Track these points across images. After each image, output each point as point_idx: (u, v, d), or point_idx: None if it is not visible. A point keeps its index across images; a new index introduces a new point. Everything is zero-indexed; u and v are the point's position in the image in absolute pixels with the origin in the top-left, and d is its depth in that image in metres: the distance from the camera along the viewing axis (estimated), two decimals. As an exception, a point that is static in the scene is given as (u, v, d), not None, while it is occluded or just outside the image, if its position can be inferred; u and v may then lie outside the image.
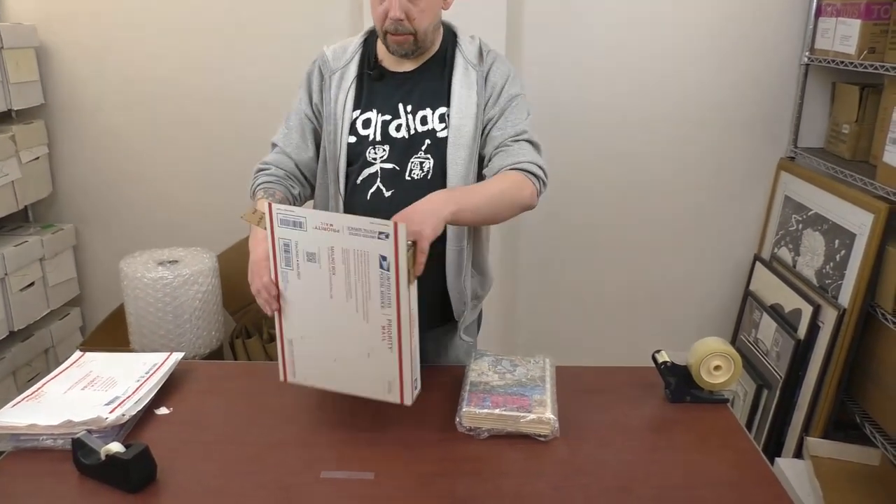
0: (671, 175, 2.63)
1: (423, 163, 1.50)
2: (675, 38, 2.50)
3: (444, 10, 1.51)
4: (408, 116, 1.51)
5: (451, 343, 1.65)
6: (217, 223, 2.67)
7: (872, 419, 2.08)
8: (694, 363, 1.40)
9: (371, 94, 1.53)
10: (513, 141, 1.49)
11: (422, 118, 1.50)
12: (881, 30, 2.13)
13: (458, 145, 1.48)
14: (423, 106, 1.50)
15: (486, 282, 1.69)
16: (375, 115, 1.51)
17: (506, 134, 1.49)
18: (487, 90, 1.51)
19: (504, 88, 1.51)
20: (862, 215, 2.09)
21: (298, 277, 1.24)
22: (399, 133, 1.50)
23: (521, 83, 1.56)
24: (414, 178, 1.49)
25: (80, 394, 1.35)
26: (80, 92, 2.60)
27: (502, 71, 1.53)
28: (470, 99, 1.49)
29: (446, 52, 1.53)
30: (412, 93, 1.51)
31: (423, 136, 1.50)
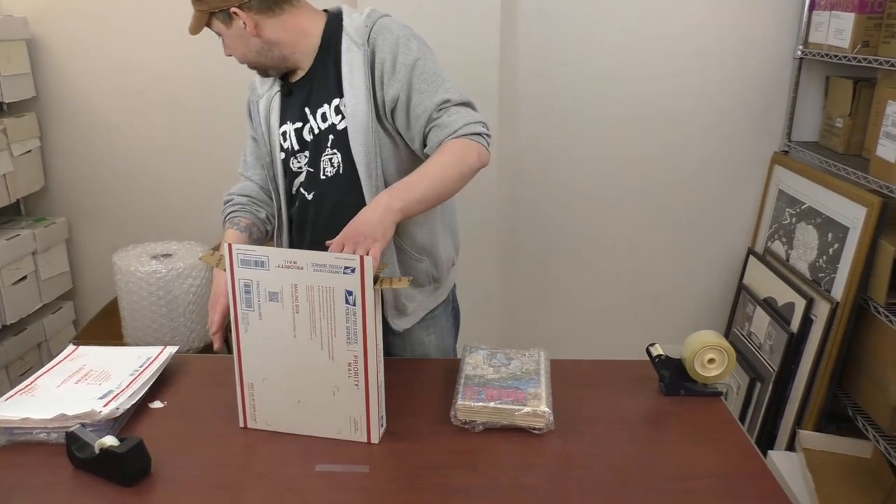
0: (665, 169, 2.64)
1: (331, 159, 1.51)
2: (668, 32, 2.50)
3: (256, 37, 1.48)
4: (312, 118, 1.52)
5: None
6: (211, 216, 2.66)
7: (864, 412, 2.09)
8: (688, 356, 1.40)
9: (285, 108, 1.56)
10: (439, 112, 1.42)
11: (322, 115, 1.50)
12: (875, 23, 2.13)
13: (357, 131, 1.46)
14: (320, 103, 1.50)
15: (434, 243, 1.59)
16: (289, 126, 1.55)
17: (428, 107, 1.42)
18: (377, 67, 1.45)
19: (397, 60, 1.44)
20: (855, 209, 2.10)
21: (260, 318, 1.22)
22: (309, 136, 1.52)
23: (417, 43, 1.47)
24: (328, 176, 1.51)
25: (73, 387, 1.34)
26: (72, 84, 2.59)
27: (389, 42, 1.45)
28: (359, 81, 1.45)
29: (330, 41, 1.50)
30: (311, 93, 1.52)
31: (327, 132, 1.50)
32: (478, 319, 2.08)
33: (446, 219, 1.62)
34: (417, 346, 1.67)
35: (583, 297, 2.79)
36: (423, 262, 1.57)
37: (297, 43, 1.52)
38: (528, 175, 2.63)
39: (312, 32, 1.52)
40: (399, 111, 1.45)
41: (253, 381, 1.27)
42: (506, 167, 2.58)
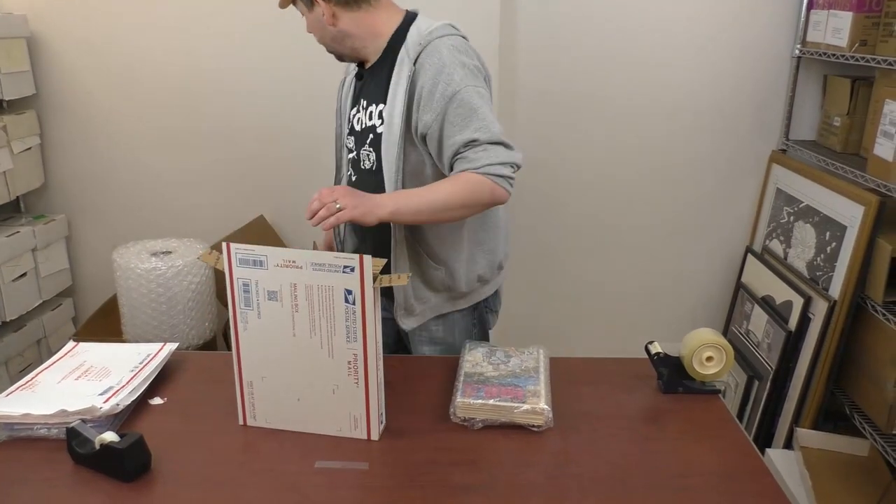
0: (663, 167, 2.64)
1: (369, 155, 1.60)
2: (666, 31, 2.50)
3: (332, 26, 1.56)
4: (363, 111, 1.61)
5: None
6: (210, 213, 2.67)
7: (861, 410, 2.10)
8: (686, 354, 1.41)
9: (357, 93, 1.66)
10: (465, 147, 1.46)
11: (369, 113, 1.59)
12: (873, 22, 2.14)
13: (389, 142, 1.52)
14: (371, 101, 1.59)
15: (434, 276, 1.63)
16: (351, 111, 1.67)
17: (457, 142, 1.46)
18: (417, 91, 1.48)
19: (437, 88, 1.46)
20: (852, 207, 2.11)
21: (259, 317, 1.23)
22: (358, 126, 1.63)
23: (462, 73, 1.47)
24: (365, 168, 1.62)
25: (74, 384, 1.35)
26: (72, 82, 2.59)
27: (434, 67, 1.47)
28: (400, 97, 1.50)
29: (394, 47, 1.56)
30: (366, 88, 1.62)
31: (369, 130, 1.59)
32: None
33: (479, 237, 1.64)
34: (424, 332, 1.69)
35: (582, 295, 2.80)
36: (438, 271, 1.62)
37: (367, 39, 1.58)
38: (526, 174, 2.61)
39: (384, 33, 1.57)
40: (431, 139, 1.50)
41: (252, 380, 1.27)
42: (505, 165, 2.58)
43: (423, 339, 1.71)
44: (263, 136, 2.62)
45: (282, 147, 2.63)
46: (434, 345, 1.71)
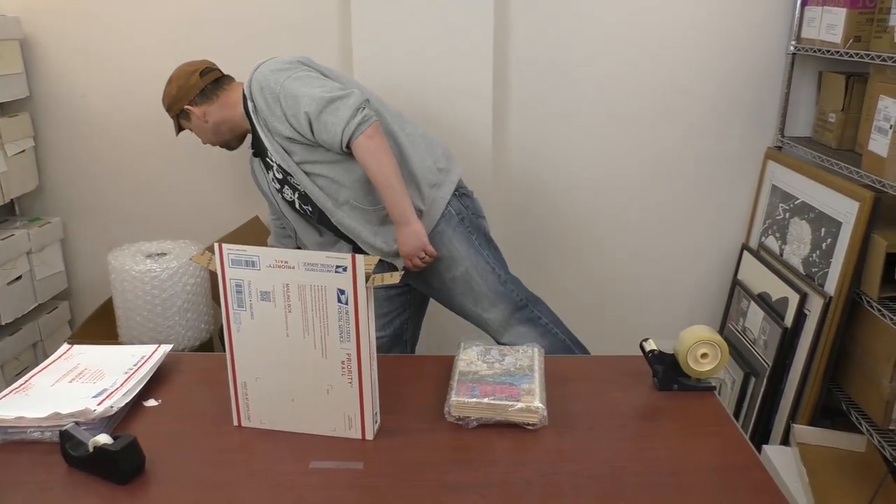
0: (658, 165, 2.64)
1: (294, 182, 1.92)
2: (660, 28, 2.50)
3: (207, 124, 1.98)
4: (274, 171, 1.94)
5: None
6: (205, 215, 2.67)
7: (858, 406, 2.10)
8: (681, 351, 1.40)
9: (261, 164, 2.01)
10: (315, 131, 1.77)
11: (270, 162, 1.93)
12: (867, 18, 2.14)
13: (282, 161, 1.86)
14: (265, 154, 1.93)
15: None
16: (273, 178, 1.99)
17: (303, 128, 1.77)
18: (260, 111, 1.83)
19: (267, 100, 1.81)
20: (847, 203, 2.11)
21: (252, 318, 1.23)
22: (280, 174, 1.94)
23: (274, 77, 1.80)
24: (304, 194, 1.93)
25: (67, 386, 1.35)
26: (66, 84, 2.58)
27: (255, 91, 1.83)
28: (259, 128, 1.87)
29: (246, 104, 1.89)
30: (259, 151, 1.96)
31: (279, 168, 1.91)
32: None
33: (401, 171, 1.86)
34: (436, 262, 1.89)
35: (577, 293, 2.79)
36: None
37: (233, 115, 1.95)
38: (521, 171, 2.64)
39: (237, 101, 1.93)
40: (301, 135, 1.80)
41: (246, 381, 1.27)
42: (499, 164, 2.58)
43: (438, 269, 1.91)
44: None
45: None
46: (447, 266, 1.91)
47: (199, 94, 1.96)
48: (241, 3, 2.49)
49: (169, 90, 2.00)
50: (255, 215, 2.66)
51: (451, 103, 2.41)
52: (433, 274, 1.94)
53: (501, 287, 1.93)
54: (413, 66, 2.37)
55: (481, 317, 1.95)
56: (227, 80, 2.02)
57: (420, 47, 2.35)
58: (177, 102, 1.98)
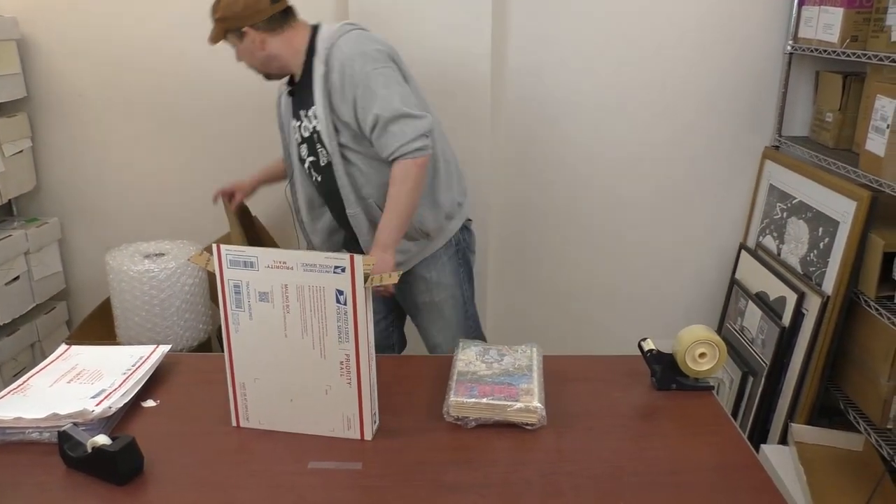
0: (656, 164, 2.64)
1: (321, 151, 1.86)
2: (659, 27, 2.50)
3: (261, 52, 1.85)
4: (305, 119, 1.87)
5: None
6: (203, 215, 2.66)
7: (856, 405, 2.10)
8: (679, 351, 1.41)
9: (293, 105, 1.93)
10: (373, 133, 1.75)
11: (309, 117, 1.85)
12: (864, 18, 2.14)
13: (326, 133, 1.80)
14: (306, 107, 1.85)
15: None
16: (295, 122, 1.92)
17: (368, 123, 1.74)
18: (331, 86, 1.76)
19: (345, 81, 1.74)
20: (845, 203, 2.11)
21: (250, 318, 1.22)
22: (306, 133, 1.88)
23: (361, 62, 1.74)
24: (323, 165, 1.88)
25: (66, 387, 1.34)
26: (63, 84, 2.58)
27: (338, 63, 1.75)
28: (320, 95, 1.78)
29: (309, 57, 1.83)
30: (300, 99, 1.88)
31: (314, 130, 1.85)
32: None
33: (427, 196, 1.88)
34: (420, 281, 1.96)
35: (575, 293, 2.80)
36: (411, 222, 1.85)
37: (290, 57, 1.85)
38: (520, 170, 2.64)
39: (301, 49, 1.84)
40: (356, 124, 1.77)
41: (245, 381, 1.27)
42: (498, 163, 2.59)
43: (420, 288, 1.95)
44: (256, 139, 2.61)
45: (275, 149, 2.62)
46: (429, 288, 1.95)
47: (267, 20, 1.81)
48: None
49: (232, 4, 1.81)
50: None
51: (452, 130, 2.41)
52: (413, 291, 2.00)
53: (465, 321, 2.04)
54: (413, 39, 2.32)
55: (434, 338, 2.03)
56: (293, 16, 1.87)
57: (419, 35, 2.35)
58: (238, 20, 1.81)
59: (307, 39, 1.84)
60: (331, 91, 1.76)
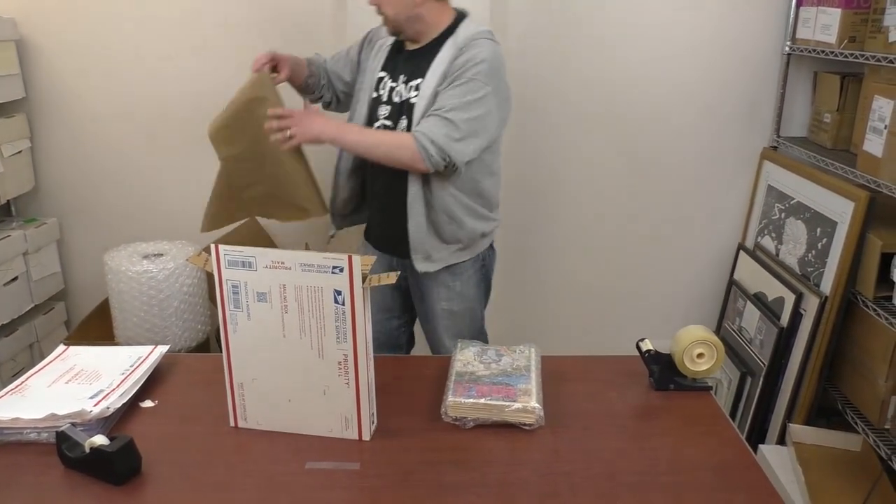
0: (655, 165, 2.65)
1: (401, 120, 1.83)
2: (657, 29, 2.51)
3: (417, 7, 1.79)
4: (402, 85, 1.84)
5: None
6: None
7: (854, 405, 2.11)
8: (677, 351, 1.41)
9: (393, 63, 1.89)
10: (432, 112, 1.74)
11: (409, 87, 1.83)
12: (861, 18, 2.15)
13: (421, 110, 1.78)
14: (413, 77, 1.82)
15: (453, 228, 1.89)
16: (387, 80, 1.87)
17: (433, 105, 1.76)
18: (453, 70, 1.75)
19: (462, 70, 1.74)
20: (843, 203, 2.12)
21: (248, 319, 1.22)
22: (395, 98, 1.85)
23: (488, 71, 1.74)
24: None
25: (64, 387, 1.34)
26: (62, 85, 2.58)
27: (470, 55, 1.74)
28: (437, 74, 1.77)
29: (442, 39, 1.82)
30: (408, 66, 1.85)
31: (406, 102, 1.82)
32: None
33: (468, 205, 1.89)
34: (443, 288, 1.96)
35: (574, 293, 2.80)
36: (451, 225, 1.87)
37: (431, 28, 1.84)
38: (518, 171, 2.64)
39: (441, 26, 1.84)
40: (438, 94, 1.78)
41: (243, 381, 1.27)
42: (497, 165, 2.59)
43: (441, 294, 1.96)
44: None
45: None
46: (451, 296, 1.96)
47: None
48: (240, 5, 2.49)
49: None
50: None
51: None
52: (434, 295, 1.99)
53: (474, 334, 2.05)
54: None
55: (444, 346, 2.02)
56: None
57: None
58: None
59: (449, 21, 1.84)
60: (447, 74, 1.76)
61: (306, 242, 2.68)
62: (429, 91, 1.77)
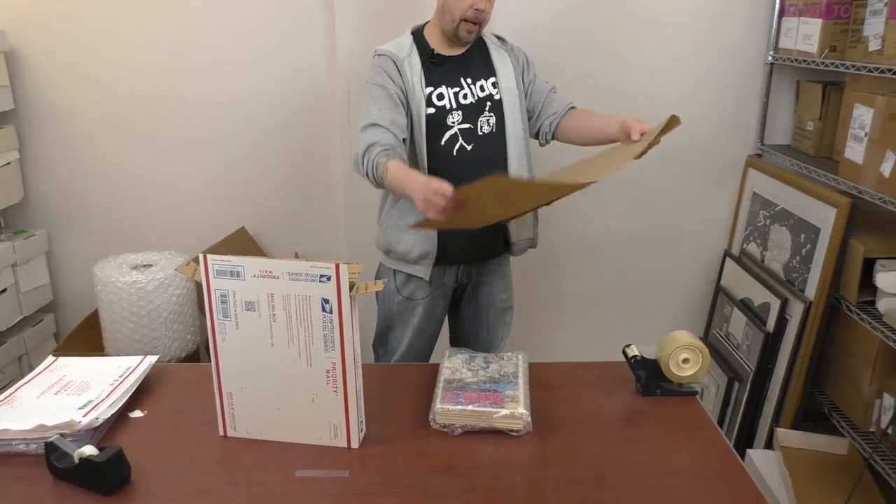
0: (642, 172, 2.66)
1: (488, 120, 1.90)
2: (642, 38, 2.53)
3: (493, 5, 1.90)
4: (469, 87, 1.89)
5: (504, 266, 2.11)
6: (192, 226, 2.67)
7: (840, 409, 2.13)
8: (663, 357, 1.42)
9: (437, 74, 1.88)
10: (552, 93, 2.01)
11: (480, 87, 1.90)
12: (842, 29, 2.18)
13: (511, 103, 1.92)
14: (478, 77, 1.90)
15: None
16: (446, 90, 1.87)
17: (544, 91, 1.99)
18: (520, 63, 1.97)
19: (528, 61, 2.00)
20: (825, 210, 2.14)
21: (237, 328, 1.23)
22: (466, 100, 1.88)
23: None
24: (484, 133, 1.90)
25: (53, 398, 1.35)
26: (51, 96, 2.58)
27: (520, 50, 2.00)
28: (508, 70, 1.94)
29: (479, 41, 1.95)
30: (468, 69, 1.91)
31: (485, 99, 1.90)
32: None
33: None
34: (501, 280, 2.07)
35: (562, 300, 2.82)
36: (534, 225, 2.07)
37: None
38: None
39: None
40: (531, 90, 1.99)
41: (231, 390, 1.28)
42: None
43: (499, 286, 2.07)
44: (243, 149, 2.63)
45: (262, 159, 2.64)
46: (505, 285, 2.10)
47: None
48: (229, 16, 2.51)
49: None
50: (242, 226, 2.67)
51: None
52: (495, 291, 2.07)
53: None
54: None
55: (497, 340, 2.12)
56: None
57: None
58: None
59: None
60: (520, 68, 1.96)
61: (296, 251, 2.68)
62: (513, 85, 1.93)
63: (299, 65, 2.56)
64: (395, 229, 1.90)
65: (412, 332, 1.96)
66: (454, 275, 1.98)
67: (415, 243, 1.87)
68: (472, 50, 1.93)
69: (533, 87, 1.99)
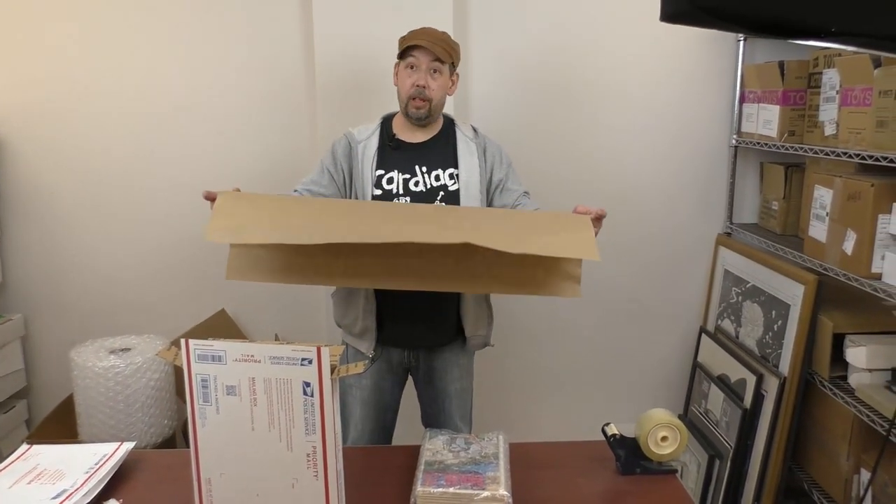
0: (616, 251, 2.73)
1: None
2: (613, 121, 2.65)
3: (448, 95, 1.93)
4: (423, 175, 1.90)
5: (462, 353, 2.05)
6: (171, 310, 2.66)
7: (819, 486, 2.13)
8: (641, 435, 1.44)
9: (391, 159, 1.91)
10: (522, 197, 1.95)
11: (435, 176, 1.90)
12: (799, 114, 2.30)
13: (468, 197, 1.90)
14: (435, 167, 1.91)
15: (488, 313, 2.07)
16: (396, 174, 1.89)
17: (517, 193, 1.95)
18: (488, 159, 1.95)
19: (502, 158, 1.98)
20: (794, 286, 2.20)
21: (217, 412, 1.23)
22: (417, 188, 1.89)
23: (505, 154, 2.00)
24: None
25: (26, 488, 1.32)
26: (34, 182, 2.61)
27: (496, 146, 1.98)
28: (473, 163, 1.92)
29: (448, 130, 1.97)
30: (425, 157, 1.92)
31: (438, 189, 1.89)
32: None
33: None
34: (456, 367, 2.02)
35: (541, 380, 2.82)
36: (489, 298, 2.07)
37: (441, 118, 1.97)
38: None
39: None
40: (499, 188, 1.95)
41: (210, 476, 1.26)
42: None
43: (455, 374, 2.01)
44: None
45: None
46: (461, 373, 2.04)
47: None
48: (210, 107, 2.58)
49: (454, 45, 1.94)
50: (222, 308, 2.67)
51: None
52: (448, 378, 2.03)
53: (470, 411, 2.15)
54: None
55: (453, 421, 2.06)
56: None
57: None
58: (457, 59, 1.95)
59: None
60: (488, 162, 1.95)
61: (276, 333, 2.68)
62: (474, 179, 1.91)
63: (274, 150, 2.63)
64: (343, 302, 1.96)
65: (360, 406, 1.99)
66: (401, 356, 1.99)
67: (357, 318, 1.92)
68: (438, 139, 1.95)
69: (504, 185, 1.96)
